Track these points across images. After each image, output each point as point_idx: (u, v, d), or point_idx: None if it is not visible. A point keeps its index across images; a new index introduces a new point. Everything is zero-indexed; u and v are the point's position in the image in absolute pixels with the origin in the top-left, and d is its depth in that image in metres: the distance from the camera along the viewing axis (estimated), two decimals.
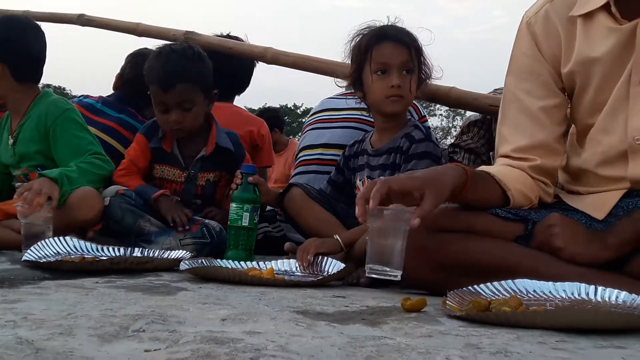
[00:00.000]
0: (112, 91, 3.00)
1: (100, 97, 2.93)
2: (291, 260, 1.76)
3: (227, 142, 2.45)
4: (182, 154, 2.44)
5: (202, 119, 2.42)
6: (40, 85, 2.52)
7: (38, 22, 2.56)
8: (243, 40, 3.10)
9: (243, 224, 1.97)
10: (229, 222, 2.00)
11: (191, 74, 2.34)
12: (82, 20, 3.47)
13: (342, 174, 2.28)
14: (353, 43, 2.14)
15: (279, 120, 5.79)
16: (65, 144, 2.32)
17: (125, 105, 2.83)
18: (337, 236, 1.87)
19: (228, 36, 3.13)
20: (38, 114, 2.36)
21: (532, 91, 1.62)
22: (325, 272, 1.68)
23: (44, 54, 2.49)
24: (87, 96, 2.94)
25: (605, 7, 1.52)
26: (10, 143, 2.40)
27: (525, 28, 1.64)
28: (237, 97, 3.13)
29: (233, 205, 1.98)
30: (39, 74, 2.48)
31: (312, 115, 2.87)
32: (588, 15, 1.55)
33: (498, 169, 1.59)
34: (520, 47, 1.66)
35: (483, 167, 1.60)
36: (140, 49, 3.02)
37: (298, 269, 1.74)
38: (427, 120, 2.78)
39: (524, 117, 1.62)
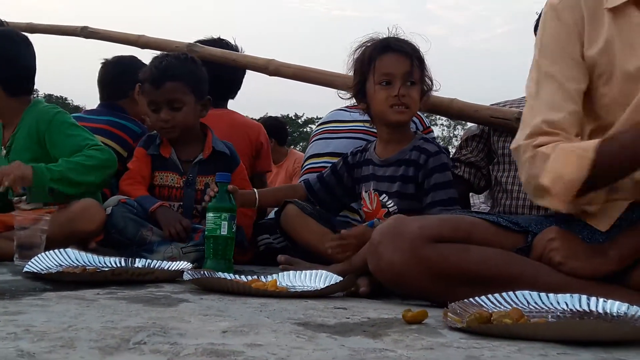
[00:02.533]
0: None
1: (87, 110, 2.99)
2: (291, 273, 1.76)
3: (222, 147, 2.49)
4: (180, 159, 2.46)
5: (193, 123, 2.46)
6: (42, 95, 2.53)
7: (36, 34, 2.58)
8: (232, 44, 3.12)
9: (222, 233, 1.95)
10: (206, 233, 1.98)
11: (182, 73, 2.42)
12: (86, 33, 3.49)
13: (339, 178, 2.29)
14: (356, 55, 2.15)
15: (279, 130, 5.79)
16: (62, 146, 2.32)
17: (111, 110, 2.87)
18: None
19: (219, 39, 3.15)
20: (29, 122, 2.37)
21: (566, 72, 1.57)
22: (324, 285, 1.67)
23: (34, 65, 2.49)
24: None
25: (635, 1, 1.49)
26: (3, 154, 2.41)
27: (552, 12, 1.61)
28: (231, 101, 3.14)
29: (210, 215, 1.97)
30: (30, 86, 2.49)
31: (319, 125, 2.89)
32: (619, 9, 1.52)
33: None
34: (549, 30, 1.61)
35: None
36: (107, 60, 3.07)
37: (301, 279, 1.73)
38: (432, 131, 2.80)
39: (561, 95, 1.55)
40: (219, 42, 3.12)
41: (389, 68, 2.07)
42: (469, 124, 2.64)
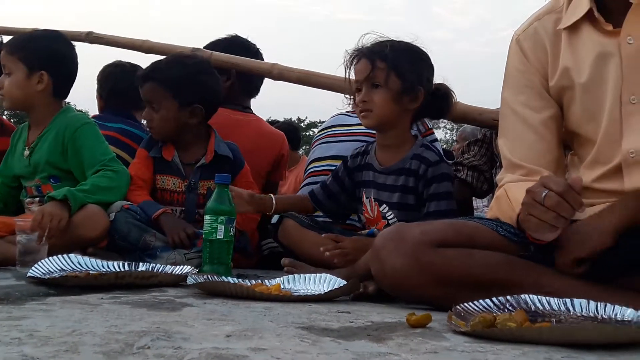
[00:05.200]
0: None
1: (95, 115, 2.97)
2: (295, 277, 1.76)
3: (226, 150, 2.46)
4: (182, 163, 2.45)
5: (175, 127, 2.42)
6: None
7: None
8: (249, 42, 3.11)
9: (218, 237, 1.91)
10: (203, 236, 1.96)
11: (162, 76, 2.41)
12: (91, 38, 3.49)
13: (340, 184, 2.27)
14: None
15: (293, 136, 5.93)
16: (82, 155, 2.36)
17: (120, 117, 2.87)
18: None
19: (236, 37, 3.14)
20: (58, 127, 2.40)
21: (529, 103, 1.64)
22: (328, 289, 1.67)
23: (76, 74, 2.56)
24: None
25: (589, 16, 1.54)
26: (25, 154, 2.43)
27: (515, 45, 1.68)
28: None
29: (207, 217, 1.93)
30: (69, 91, 2.55)
31: (321, 130, 2.89)
32: (573, 28, 1.58)
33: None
34: (512, 63, 1.69)
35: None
36: (108, 63, 3.09)
37: (305, 283, 1.72)
38: (433, 132, 2.78)
39: (524, 129, 1.64)
40: (235, 40, 3.10)
41: (356, 75, 2.08)
42: (464, 125, 2.65)
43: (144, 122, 2.96)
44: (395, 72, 2.02)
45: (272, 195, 2.29)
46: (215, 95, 2.51)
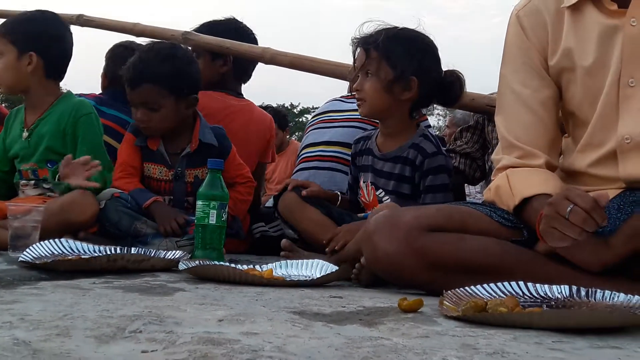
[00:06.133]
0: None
1: (95, 95, 2.92)
2: (287, 262, 1.76)
3: (211, 137, 2.41)
4: (167, 152, 2.41)
5: (174, 122, 2.38)
6: None
7: None
8: (242, 24, 3.08)
9: (210, 222, 1.92)
10: (195, 221, 1.96)
11: (160, 75, 2.32)
12: (81, 21, 3.46)
13: (350, 173, 2.28)
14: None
15: (279, 116, 6.01)
16: (79, 147, 2.36)
17: (120, 102, 2.83)
18: None
19: (233, 19, 3.10)
20: (61, 111, 2.39)
21: (527, 82, 1.62)
22: (320, 275, 1.67)
23: (71, 53, 2.54)
24: (82, 95, 2.92)
25: None
26: (24, 136, 2.41)
27: (515, 21, 1.65)
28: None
29: (199, 202, 1.94)
30: (64, 72, 2.52)
31: (315, 116, 2.88)
32: (576, 7, 1.55)
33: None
34: (511, 39, 1.66)
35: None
36: (118, 42, 3.05)
37: (297, 268, 1.73)
38: (427, 119, 2.77)
39: (522, 109, 1.62)
40: (231, 22, 3.06)
41: (356, 63, 2.07)
42: (455, 111, 2.63)
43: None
44: (387, 61, 2.00)
45: (339, 192, 2.29)
46: (199, 81, 2.48)
